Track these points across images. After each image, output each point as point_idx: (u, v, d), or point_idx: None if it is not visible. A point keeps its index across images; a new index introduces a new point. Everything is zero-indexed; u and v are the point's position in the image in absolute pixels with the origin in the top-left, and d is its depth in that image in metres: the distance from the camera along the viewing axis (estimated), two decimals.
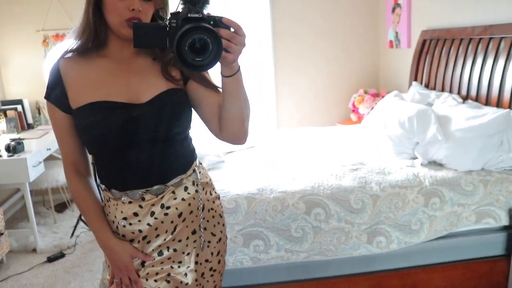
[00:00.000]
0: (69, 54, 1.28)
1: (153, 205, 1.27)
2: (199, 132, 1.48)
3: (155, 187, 1.26)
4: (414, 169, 2.34)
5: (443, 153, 2.35)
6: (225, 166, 2.59)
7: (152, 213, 1.27)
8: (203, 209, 1.34)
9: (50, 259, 3.28)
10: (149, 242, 1.30)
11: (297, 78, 4.50)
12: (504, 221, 2.19)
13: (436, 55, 3.23)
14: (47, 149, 3.63)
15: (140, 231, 1.28)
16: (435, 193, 2.15)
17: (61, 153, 1.32)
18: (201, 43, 1.01)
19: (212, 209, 1.39)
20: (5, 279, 3.06)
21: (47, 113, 1.30)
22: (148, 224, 1.28)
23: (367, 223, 2.11)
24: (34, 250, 3.45)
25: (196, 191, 1.33)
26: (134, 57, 1.28)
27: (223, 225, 1.43)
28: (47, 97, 1.27)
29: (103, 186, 1.33)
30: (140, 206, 1.27)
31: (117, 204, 1.29)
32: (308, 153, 2.76)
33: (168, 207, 1.28)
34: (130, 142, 1.22)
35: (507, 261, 2.22)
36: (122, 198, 1.28)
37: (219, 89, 1.27)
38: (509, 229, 2.22)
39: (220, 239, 1.41)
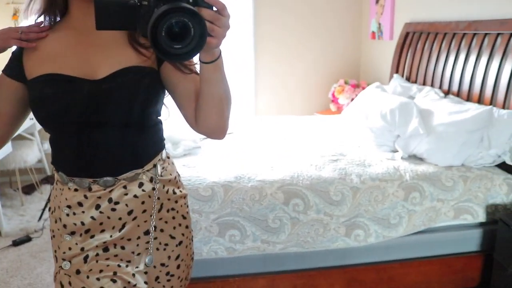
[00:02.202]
0: None
1: (99, 197, 1.13)
2: (174, 115, 1.34)
3: (103, 179, 1.13)
4: (395, 162, 2.31)
5: (424, 147, 2.32)
6: (201, 152, 2.51)
7: (98, 206, 1.14)
8: (160, 209, 1.21)
9: (16, 243, 3.15)
10: (92, 236, 1.15)
11: (277, 66, 4.43)
12: (481, 218, 2.18)
13: (418, 48, 3.21)
14: None
15: (82, 223, 1.15)
16: (416, 188, 2.12)
17: None
18: (181, 27, 0.85)
19: (173, 209, 1.24)
20: None
21: None
22: (92, 218, 1.14)
23: (346, 216, 2.07)
24: None
25: (153, 188, 1.19)
26: None
27: (187, 227, 1.29)
28: (3, 70, 1.14)
29: (53, 167, 1.20)
30: (85, 197, 1.13)
31: (63, 189, 1.16)
32: (287, 142, 2.70)
33: (116, 203, 1.14)
34: (77, 122, 1.09)
35: (481, 257, 2.22)
36: (69, 184, 1.15)
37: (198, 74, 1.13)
38: (485, 225, 2.21)
39: (181, 242, 1.26)
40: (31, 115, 1.18)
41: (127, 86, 1.09)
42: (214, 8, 0.92)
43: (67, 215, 1.15)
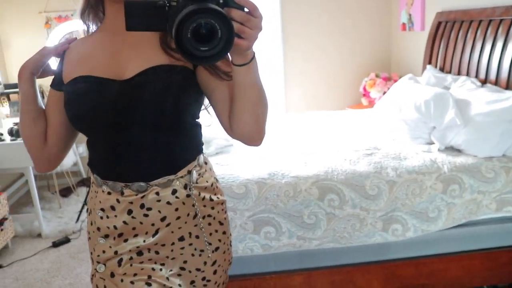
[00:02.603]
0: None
1: (131, 202, 1.11)
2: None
3: (135, 184, 1.10)
4: (431, 154, 2.24)
5: (462, 138, 2.25)
6: (233, 150, 2.50)
7: (130, 211, 1.12)
8: (195, 216, 1.17)
9: (55, 244, 3.23)
10: (126, 240, 1.14)
11: (306, 62, 4.39)
12: None
13: (452, 37, 3.11)
14: None
15: (115, 227, 1.14)
16: (454, 180, 2.06)
17: None
18: (208, 28, 0.82)
19: (209, 215, 1.20)
20: (10, 264, 3.02)
21: None
22: (124, 222, 1.13)
23: (383, 210, 2.03)
24: (39, 235, 3.41)
25: (188, 195, 1.15)
26: None
27: (224, 232, 1.25)
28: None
29: (89, 168, 1.21)
30: (118, 201, 1.12)
31: (97, 192, 1.16)
32: (319, 138, 2.67)
33: (149, 209, 1.12)
34: (107, 123, 1.07)
35: None
36: (103, 187, 1.14)
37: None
38: None
39: (217, 248, 1.23)
40: None
41: (156, 84, 1.06)
42: (246, 9, 0.88)
43: (101, 218, 1.15)
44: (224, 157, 2.38)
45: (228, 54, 0.91)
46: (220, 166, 2.22)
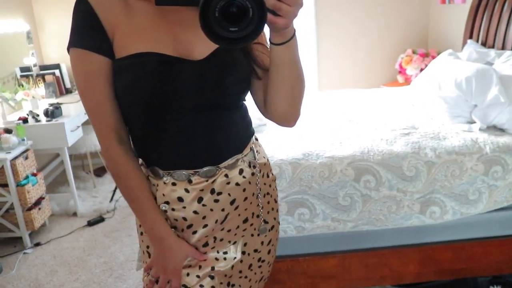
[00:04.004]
0: None
1: (202, 190, 1.05)
2: None
3: (205, 169, 1.04)
4: (472, 134, 2.14)
5: (506, 116, 2.14)
6: (267, 130, 2.46)
7: (200, 199, 1.06)
8: (258, 196, 1.14)
9: (90, 223, 3.30)
10: (195, 232, 1.09)
11: (340, 38, 4.28)
12: None
13: (496, 10, 2.95)
14: (85, 113, 3.60)
15: (184, 219, 1.08)
16: (497, 161, 1.96)
17: (96, 119, 1.03)
18: (238, 7, 0.76)
19: (268, 193, 1.19)
20: (48, 242, 3.10)
21: (75, 70, 1.00)
22: (195, 212, 1.07)
23: (421, 192, 1.96)
24: (75, 214, 3.48)
25: (253, 174, 1.12)
26: (183, 7, 1.01)
27: (277, 211, 1.24)
28: (76, 44, 0.97)
29: (140, 160, 1.11)
30: (186, 190, 1.05)
31: (157, 185, 1.08)
32: (354, 117, 2.59)
33: (219, 193, 1.07)
34: (183, 107, 1.00)
35: None
36: (164, 178, 1.06)
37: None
38: None
39: (273, 227, 1.22)
40: None
41: (230, 63, 1.01)
42: None
43: (166, 211, 1.09)
44: (258, 137, 2.33)
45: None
46: None
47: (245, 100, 1.13)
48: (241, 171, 1.10)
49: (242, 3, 0.76)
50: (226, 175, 1.07)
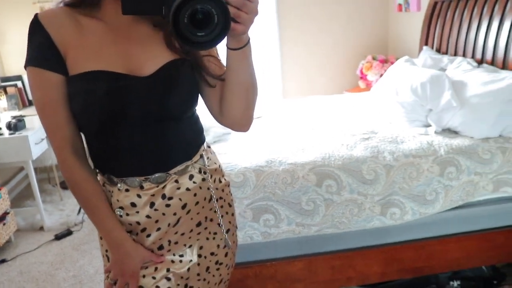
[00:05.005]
0: (48, 8, 1.10)
1: (153, 195, 1.12)
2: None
3: (155, 175, 1.11)
4: (428, 137, 2.24)
5: (458, 120, 2.25)
6: (231, 138, 2.50)
7: (152, 204, 1.12)
8: (210, 200, 1.21)
9: (58, 237, 3.26)
10: (148, 235, 1.15)
11: (302, 46, 4.37)
12: None
13: (448, 17, 3.09)
14: None
15: (138, 223, 1.14)
16: (451, 162, 2.06)
17: (52, 133, 1.08)
18: (204, 14, 0.83)
19: (221, 198, 1.25)
20: (14, 258, 3.05)
21: (30, 86, 1.06)
22: (147, 216, 1.13)
23: (381, 194, 2.04)
24: (42, 228, 3.43)
25: (203, 179, 1.18)
26: (133, 24, 1.08)
27: (232, 214, 1.31)
28: (32, 63, 1.03)
29: (97, 170, 1.17)
30: (139, 196, 1.12)
31: (112, 191, 1.14)
32: (316, 123, 2.66)
33: (170, 198, 1.13)
34: (133, 120, 1.06)
35: None
36: (118, 185, 1.12)
37: (223, 64, 1.12)
38: None
39: (228, 230, 1.28)
40: None
41: (180, 77, 1.08)
42: None
43: (120, 216, 1.14)
44: (222, 145, 2.38)
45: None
46: (218, 154, 2.20)
47: (195, 111, 1.19)
48: (191, 177, 1.16)
49: (208, 10, 0.84)
50: (176, 181, 1.14)
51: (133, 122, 1.07)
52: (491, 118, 2.15)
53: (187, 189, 1.15)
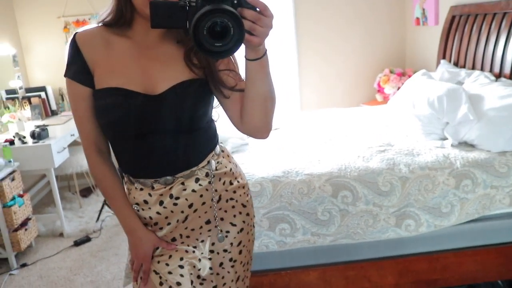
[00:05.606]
0: (88, 28, 1.24)
1: (161, 195, 1.25)
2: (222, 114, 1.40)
3: (163, 178, 1.24)
4: (444, 150, 2.26)
5: (475, 133, 2.26)
6: (249, 149, 2.55)
7: (161, 202, 1.26)
8: (218, 200, 1.30)
9: (77, 243, 3.33)
10: (161, 228, 1.29)
11: (320, 59, 4.41)
12: None
13: (466, 31, 3.11)
14: (71, 135, 3.66)
15: (150, 218, 1.28)
16: (467, 175, 2.07)
17: (80, 133, 1.27)
18: (222, 27, 0.93)
19: (231, 199, 1.33)
20: (34, 262, 3.12)
21: (67, 93, 1.25)
22: (158, 213, 1.27)
23: (396, 206, 2.05)
24: (61, 235, 3.50)
25: (210, 182, 1.28)
26: (159, 43, 1.20)
27: (247, 214, 1.37)
28: (67, 74, 1.21)
29: (120, 169, 1.33)
30: (150, 195, 1.26)
31: (130, 189, 1.29)
32: (333, 135, 2.69)
33: (177, 198, 1.25)
34: (135, 131, 1.19)
35: None
36: (135, 184, 1.27)
37: (241, 76, 1.21)
38: None
39: (242, 229, 1.35)
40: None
41: (177, 98, 1.17)
42: (257, 9, 0.98)
43: (138, 211, 1.29)
44: (240, 155, 2.43)
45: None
46: None
47: (205, 122, 1.27)
48: (197, 180, 1.26)
49: (225, 23, 0.93)
50: (183, 183, 1.25)
51: (142, 133, 1.20)
52: (508, 131, 2.15)
53: (193, 191, 1.26)
